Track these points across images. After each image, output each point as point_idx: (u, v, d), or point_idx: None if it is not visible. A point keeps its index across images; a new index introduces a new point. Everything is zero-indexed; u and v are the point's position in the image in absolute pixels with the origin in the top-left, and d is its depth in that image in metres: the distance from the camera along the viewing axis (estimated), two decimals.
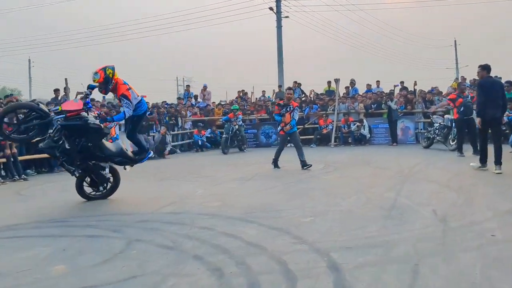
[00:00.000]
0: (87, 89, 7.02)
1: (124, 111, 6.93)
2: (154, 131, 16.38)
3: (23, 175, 10.96)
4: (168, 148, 16.07)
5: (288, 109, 10.56)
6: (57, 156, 6.82)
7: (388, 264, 3.73)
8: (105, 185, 7.40)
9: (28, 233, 5.35)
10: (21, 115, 6.86)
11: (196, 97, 21.37)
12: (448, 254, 3.89)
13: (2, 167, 11.09)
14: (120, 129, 14.94)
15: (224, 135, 16.25)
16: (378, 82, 20.42)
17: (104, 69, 6.79)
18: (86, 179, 7.31)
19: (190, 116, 19.07)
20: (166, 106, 18.66)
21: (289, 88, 12.80)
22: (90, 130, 6.72)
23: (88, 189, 7.37)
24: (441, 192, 6.77)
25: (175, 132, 18.03)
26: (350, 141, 17.30)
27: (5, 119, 6.87)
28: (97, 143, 6.95)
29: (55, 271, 3.87)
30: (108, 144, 7.32)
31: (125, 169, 7.59)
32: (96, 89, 7.03)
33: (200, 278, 3.57)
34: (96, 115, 7.11)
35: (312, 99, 19.75)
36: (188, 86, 24.08)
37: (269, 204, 6.35)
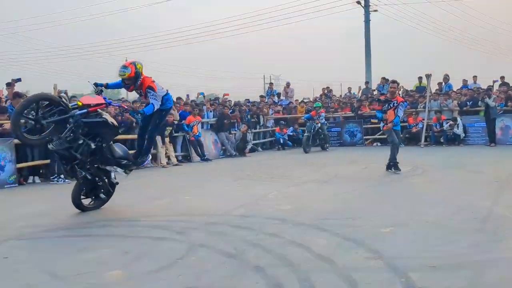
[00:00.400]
0: (96, 87, 6.25)
1: (152, 103, 6.31)
2: (236, 129, 16.32)
3: None
4: (249, 146, 15.94)
5: (391, 105, 9.33)
6: (69, 158, 5.97)
7: None
8: (110, 191, 6.68)
9: (96, 232, 5.34)
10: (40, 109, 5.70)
11: (279, 94, 21.11)
12: None
13: None
14: (202, 127, 15.11)
15: (306, 134, 15.80)
16: (475, 77, 18.85)
17: (134, 63, 6.23)
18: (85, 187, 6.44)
19: (272, 114, 18.84)
20: (248, 104, 18.56)
21: (393, 82, 10.94)
22: (108, 128, 6.10)
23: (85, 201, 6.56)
24: None
25: (257, 130, 17.88)
26: (442, 141, 16.05)
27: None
28: (109, 143, 6.33)
29: (110, 276, 3.72)
30: (115, 146, 6.63)
31: (126, 173, 6.73)
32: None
33: None
34: (125, 107, 6.90)
35: (401, 95, 18.64)
36: (271, 83, 23.87)
37: (345, 210, 5.86)
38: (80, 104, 5.87)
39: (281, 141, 17.47)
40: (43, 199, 8.02)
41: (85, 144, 5.90)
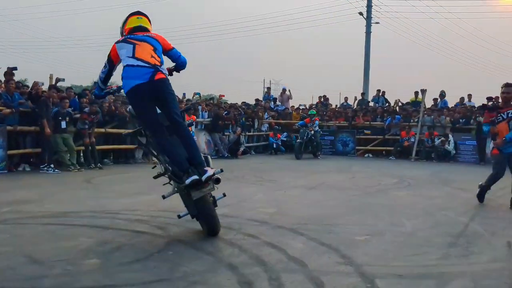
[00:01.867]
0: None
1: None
2: (230, 130, 16.43)
3: (99, 164, 11.40)
4: (242, 149, 16.06)
5: (506, 116, 6.97)
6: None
7: None
8: None
9: (79, 221, 5.42)
10: None
11: (275, 100, 21.24)
12: None
13: (81, 154, 11.63)
14: (196, 127, 15.21)
15: (298, 140, 15.93)
16: (470, 95, 19.02)
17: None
18: None
19: (267, 118, 18.96)
20: (244, 107, 18.69)
21: (508, 85, 7.09)
22: None
23: None
24: None
25: (251, 133, 17.99)
26: (432, 156, 16.22)
27: None
28: None
29: (87, 264, 3.81)
30: None
31: None
32: None
33: None
34: None
35: (395, 108, 18.81)
36: (268, 88, 24.04)
37: (326, 217, 5.97)
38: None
39: (274, 146, 17.61)
40: (31, 186, 8.11)
41: None
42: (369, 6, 25.80)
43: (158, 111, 4.69)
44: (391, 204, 7.17)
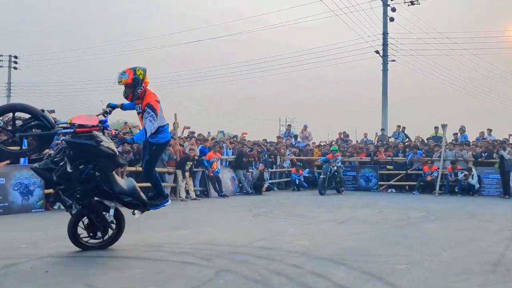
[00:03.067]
0: (107, 107, 5.76)
1: (145, 127, 5.50)
2: (253, 167, 16.71)
3: None
4: (266, 185, 16.28)
5: None
6: (54, 182, 5.36)
7: None
8: (104, 231, 5.86)
9: (126, 254, 5.67)
10: (19, 121, 5.33)
11: (296, 136, 21.57)
12: None
13: None
14: (221, 164, 15.52)
15: (321, 176, 16.11)
16: (490, 130, 19.09)
17: (134, 69, 5.61)
18: (83, 219, 5.78)
19: (289, 154, 19.23)
20: (266, 143, 19.01)
21: None
22: (101, 155, 5.32)
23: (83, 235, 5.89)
24: None
25: (273, 170, 18.24)
26: (456, 190, 16.22)
27: None
28: (107, 174, 5.50)
29: None
30: (119, 178, 5.87)
31: (133, 214, 5.99)
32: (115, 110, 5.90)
33: None
34: (114, 134, 5.79)
35: (416, 144, 18.95)
36: (289, 125, 24.45)
37: (362, 248, 6.13)
38: (69, 122, 5.38)
39: (297, 182, 17.77)
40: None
41: (63, 166, 5.25)
42: (384, 45, 26.30)
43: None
44: (423, 236, 7.29)
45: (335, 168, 16.10)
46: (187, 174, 13.74)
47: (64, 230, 5.74)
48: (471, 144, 17.88)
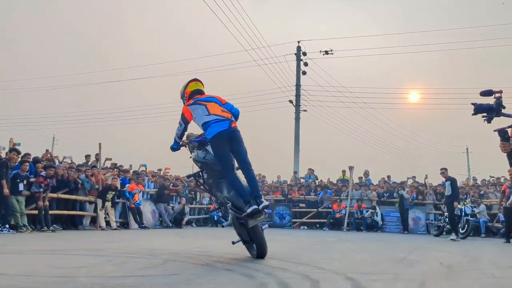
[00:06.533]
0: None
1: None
2: (174, 202, 17.04)
3: (51, 227, 11.56)
4: (186, 218, 16.63)
5: None
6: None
7: None
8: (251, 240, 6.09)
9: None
10: None
11: None
12: None
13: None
14: (143, 196, 15.68)
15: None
16: (389, 176, 21.05)
17: (183, 86, 6.21)
18: None
19: None
20: (187, 180, 19.42)
21: None
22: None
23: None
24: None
25: (193, 205, 18.63)
26: (361, 228, 17.61)
27: None
28: (215, 179, 6.02)
29: None
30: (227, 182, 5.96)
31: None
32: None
33: None
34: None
35: (326, 184, 20.41)
36: None
37: (289, 254, 6.86)
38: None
39: (215, 218, 18.26)
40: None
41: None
42: (297, 96, 28.26)
43: None
44: (339, 248, 8.20)
45: None
46: (108, 203, 13.76)
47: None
48: (375, 185, 19.66)
